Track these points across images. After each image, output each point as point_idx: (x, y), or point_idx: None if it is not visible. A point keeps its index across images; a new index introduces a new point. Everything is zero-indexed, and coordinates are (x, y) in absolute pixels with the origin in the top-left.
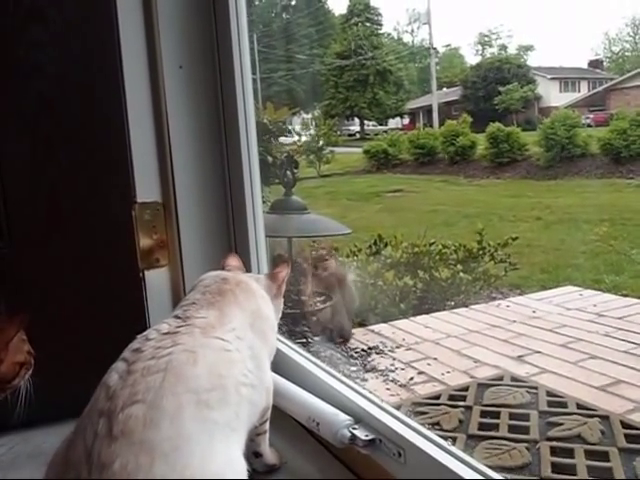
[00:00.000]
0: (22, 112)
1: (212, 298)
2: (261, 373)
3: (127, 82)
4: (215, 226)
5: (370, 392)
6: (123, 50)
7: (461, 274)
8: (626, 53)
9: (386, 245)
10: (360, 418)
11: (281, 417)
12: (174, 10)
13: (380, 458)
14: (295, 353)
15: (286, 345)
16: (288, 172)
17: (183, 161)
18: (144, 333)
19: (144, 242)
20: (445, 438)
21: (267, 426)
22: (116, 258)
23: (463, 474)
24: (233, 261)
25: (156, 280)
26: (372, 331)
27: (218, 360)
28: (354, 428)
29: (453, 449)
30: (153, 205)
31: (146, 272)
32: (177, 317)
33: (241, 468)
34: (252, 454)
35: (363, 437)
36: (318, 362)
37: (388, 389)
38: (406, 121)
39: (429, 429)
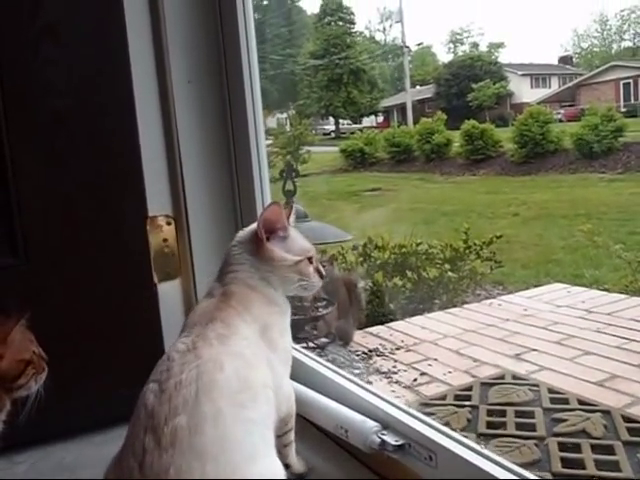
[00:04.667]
0: (37, 129)
1: (212, 314)
2: (277, 379)
3: (137, 97)
4: (226, 237)
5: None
6: (133, 65)
7: (449, 273)
8: (594, 49)
9: (376, 247)
10: (387, 424)
11: (305, 426)
12: (182, 25)
13: (410, 462)
14: (319, 365)
15: (309, 357)
16: (289, 181)
17: (193, 174)
18: (164, 356)
19: (156, 255)
20: None
21: (292, 436)
22: (130, 271)
23: (497, 474)
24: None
25: (169, 292)
26: (370, 333)
27: (241, 364)
28: (383, 434)
29: (485, 451)
30: (164, 218)
31: (159, 284)
32: (188, 336)
33: (280, 466)
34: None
35: (393, 442)
36: (341, 371)
37: (393, 391)
38: (380, 119)
39: None
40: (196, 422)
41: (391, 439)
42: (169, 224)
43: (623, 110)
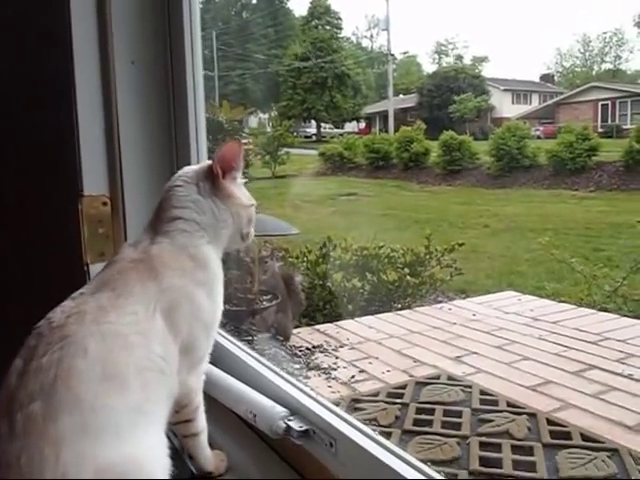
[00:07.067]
0: None
1: (110, 276)
2: (174, 366)
3: (77, 76)
4: None
5: (306, 385)
6: (75, 43)
7: (408, 277)
8: (576, 69)
9: (335, 247)
10: (296, 410)
11: (218, 409)
12: (127, 5)
13: (313, 449)
14: (234, 346)
15: (225, 338)
16: None
17: (132, 156)
18: (40, 323)
19: (89, 235)
20: (380, 433)
21: (195, 429)
22: (61, 251)
23: (390, 462)
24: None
25: None
26: (317, 330)
27: (112, 347)
28: (289, 420)
29: (381, 439)
30: (100, 199)
31: (91, 266)
32: (73, 299)
33: (154, 451)
34: (187, 455)
35: (297, 428)
36: (256, 355)
37: (330, 386)
38: (362, 125)
39: (366, 424)
40: (51, 409)
41: (296, 425)
42: (105, 205)
43: (600, 130)
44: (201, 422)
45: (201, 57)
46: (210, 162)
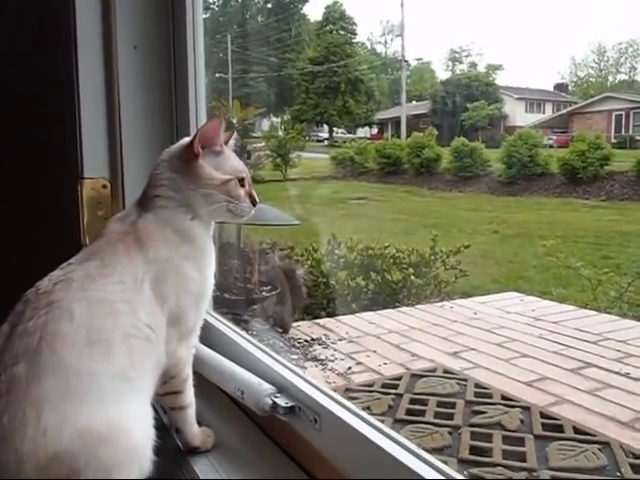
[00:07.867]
0: None
1: (98, 247)
2: (161, 335)
3: (80, 60)
4: None
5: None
6: (78, 29)
7: (412, 277)
8: (590, 79)
9: (339, 245)
10: (283, 388)
11: (207, 387)
12: None
13: (298, 425)
14: (223, 325)
15: (215, 318)
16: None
17: (132, 139)
18: (28, 291)
19: (89, 218)
20: None
21: (182, 401)
22: (60, 232)
23: (373, 437)
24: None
25: None
26: (317, 324)
27: (98, 313)
28: (276, 397)
29: (364, 414)
30: (100, 181)
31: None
32: (61, 268)
33: (138, 419)
34: (174, 430)
35: (283, 405)
36: (245, 334)
37: (326, 377)
38: (375, 131)
39: None
40: (34, 371)
41: (282, 402)
42: (104, 187)
43: (614, 141)
44: (189, 395)
45: (203, 44)
46: (188, 139)
